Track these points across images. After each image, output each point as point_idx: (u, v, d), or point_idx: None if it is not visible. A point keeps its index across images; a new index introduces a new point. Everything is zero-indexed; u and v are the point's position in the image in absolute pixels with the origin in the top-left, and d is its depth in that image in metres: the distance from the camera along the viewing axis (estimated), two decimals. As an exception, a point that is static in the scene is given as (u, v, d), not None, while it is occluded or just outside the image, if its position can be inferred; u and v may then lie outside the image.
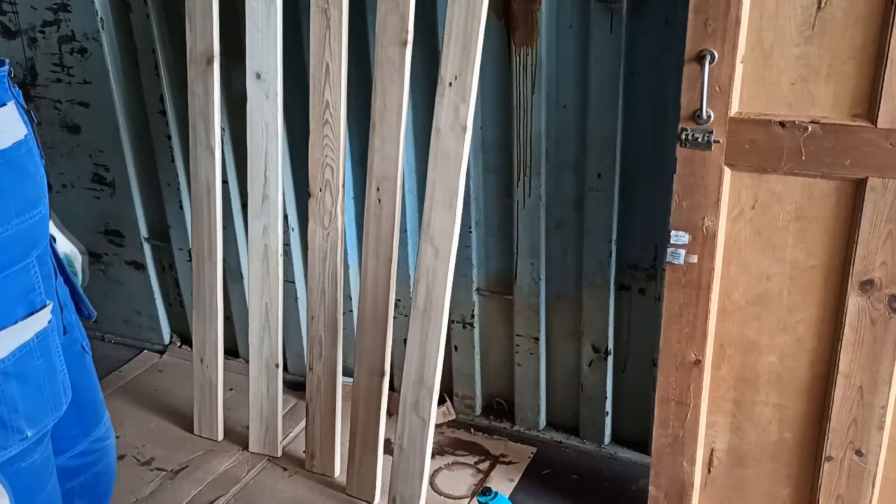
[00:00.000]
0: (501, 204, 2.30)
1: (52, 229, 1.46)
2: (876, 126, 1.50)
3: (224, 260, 2.55)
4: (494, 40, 2.08)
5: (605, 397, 2.34)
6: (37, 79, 2.79)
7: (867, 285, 1.60)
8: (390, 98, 1.97)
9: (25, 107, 1.23)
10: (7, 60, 1.20)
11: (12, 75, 1.20)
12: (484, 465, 2.35)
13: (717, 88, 1.59)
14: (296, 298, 2.67)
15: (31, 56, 2.76)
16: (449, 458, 2.39)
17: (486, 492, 1.94)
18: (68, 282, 1.38)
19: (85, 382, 1.39)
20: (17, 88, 1.21)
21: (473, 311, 2.45)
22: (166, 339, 3.06)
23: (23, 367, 1.18)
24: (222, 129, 2.41)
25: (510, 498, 2.21)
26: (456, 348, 2.52)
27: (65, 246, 1.53)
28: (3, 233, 1.13)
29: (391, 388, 2.20)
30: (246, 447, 2.45)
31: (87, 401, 1.39)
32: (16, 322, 1.16)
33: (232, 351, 2.86)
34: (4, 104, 1.16)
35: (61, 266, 1.37)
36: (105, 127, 2.74)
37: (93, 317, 1.43)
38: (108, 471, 1.53)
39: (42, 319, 1.20)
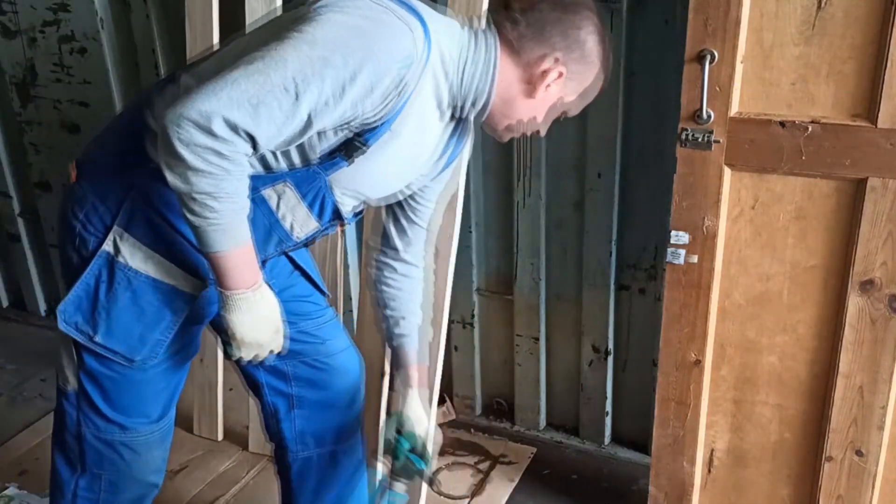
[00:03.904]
0: (501, 204, 2.29)
1: None
2: (876, 126, 1.50)
3: (224, 260, 2.55)
4: (494, 40, 2.08)
5: (605, 397, 2.34)
6: (37, 79, 2.79)
7: (867, 285, 1.60)
8: (390, 98, 1.97)
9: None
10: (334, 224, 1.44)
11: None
12: (484, 465, 2.35)
13: (717, 88, 1.59)
14: (296, 298, 2.66)
15: (31, 56, 2.76)
16: (449, 458, 2.39)
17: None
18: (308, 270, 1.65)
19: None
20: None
21: (473, 311, 2.45)
22: (166, 339, 3.06)
23: (141, 294, 1.36)
24: (222, 129, 2.41)
25: (510, 498, 2.21)
26: (456, 348, 2.51)
27: None
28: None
29: (391, 388, 2.19)
30: (246, 447, 2.44)
31: None
32: (168, 262, 1.36)
33: (232, 351, 2.85)
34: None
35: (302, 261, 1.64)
36: (105, 127, 2.74)
37: (327, 296, 1.69)
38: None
39: (188, 284, 1.38)
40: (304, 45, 1.14)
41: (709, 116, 1.61)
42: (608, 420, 2.38)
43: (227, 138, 1.13)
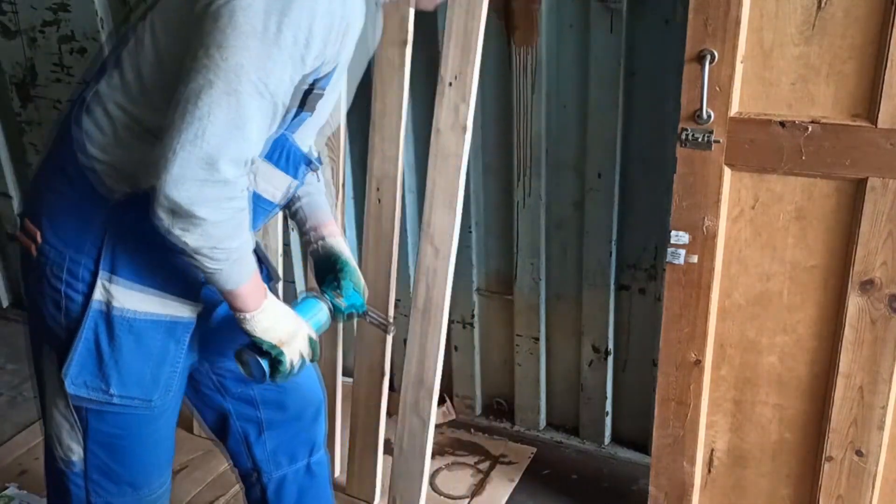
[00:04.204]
0: (501, 204, 2.29)
1: None
2: (876, 126, 1.50)
3: (224, 260, 2.55)
4: (494, 40, 2.08)
5: (605, 397, 2.34)
6: (36, 79, 2.79)
7: (867, 285, 1.60)
8: (390, 98, 1.97)
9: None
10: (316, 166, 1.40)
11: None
12: (484, 466, 2.35)
13: (717, 88, 1.59)
14: (296, 298, 2.66)
15: (31, 56, 2.76)
16: (449, 458, 2.39)
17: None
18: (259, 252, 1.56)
19: None
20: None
21: (473, 311, 2.45)
22: (166, 339, 3.06)
23: (143, 335, 1.31)
24: (222, 129, 2.41)
25: (510, 498, 2.21)
26: (456, 348, 2.51)
27: None
28: None
29: (391, 388, 2.19)
30: (246, 447, 2.44)
31: None
32: (165, 294, 1.31)
33: (232, 351, 2.85)
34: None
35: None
36: (105, 127, 2.74)
37: (273, 281, 1.57)
38: None
39: (184, 310, 1.34)
40: (249, 39, 1.07)
41: (709, 116, 1.61)
42: (608, 420, 2.38)
43: (235, 180, 1.11)
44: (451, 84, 1.88)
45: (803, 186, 1.61)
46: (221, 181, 1.09)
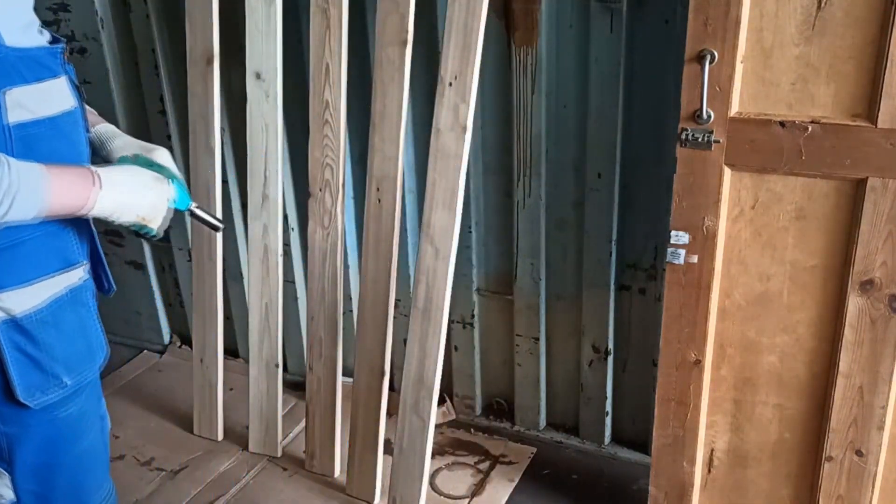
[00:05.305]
0: (501, 204, 2.29)
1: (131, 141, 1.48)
2: (876, 126, 1.50)
3: (224, 260, 2.55)
4: (494, 40, 2.08)
5: (605, 397, 2.34)
6: (37, 79, 2.79)
7: (867, 285, 1.60)
8: (390, 98, 1.97)
9: (77, 84, 1.31)
10: (64, 41, 1.28)
11: (67, 53, 1.28)
12: (484, 465, 2.35)
13: (717, 88, 1.59)
14: (296, 298, 2.66)
15: (31, 56, 2.76)
16: (449, 458, 2.39)
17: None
18: (97, 254, 1.44)
19: None
20: (70, 66, 1.29)
21: (473, 311, 2.45)
22: (166, 339, 3.06)
23: (58, 318, 1.26)
24: (222, 129, 2.41)
25: (510, 498, 2.21)
26: (456, 348, 2.52)
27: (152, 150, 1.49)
28: None
29: (391, 388, 2.19)
30: (246, 447, 2.45)
31: None
32: (50, 275, 1.25)
33: (232, 351, 2.85)
34: (58, 77, 1.24)
35: (93, 241, 1.42)
36: (105, 127, 2.73)
37: (112, 291, 1.48)
38: None
39: (74, 276, 1.30)
40: None
41: (709, 116, 1.61)
42: (608, 420, 2.38)
43: None
44: (451, 84, 1.88)
45: (803, 186, 1.61)
46: None
